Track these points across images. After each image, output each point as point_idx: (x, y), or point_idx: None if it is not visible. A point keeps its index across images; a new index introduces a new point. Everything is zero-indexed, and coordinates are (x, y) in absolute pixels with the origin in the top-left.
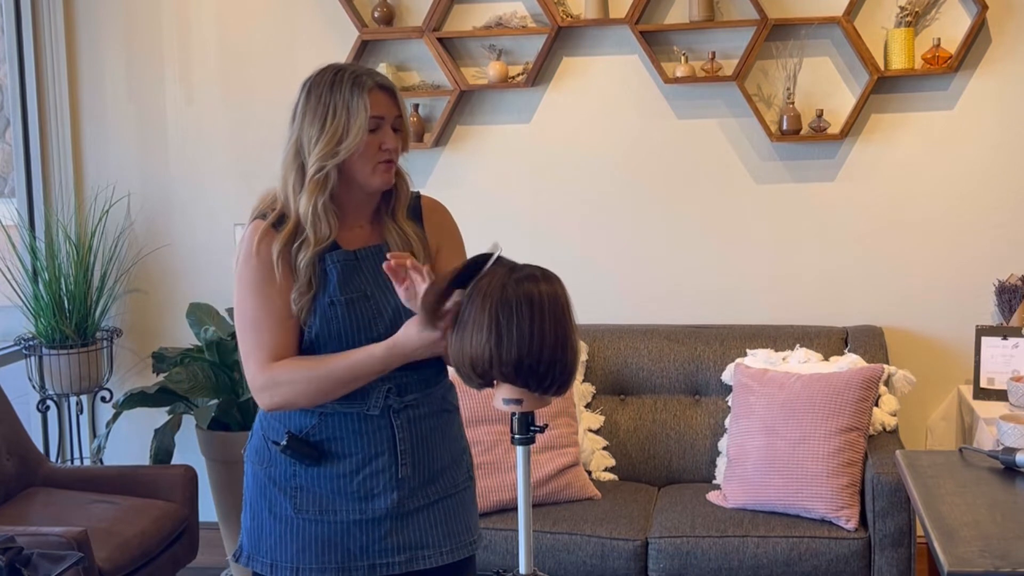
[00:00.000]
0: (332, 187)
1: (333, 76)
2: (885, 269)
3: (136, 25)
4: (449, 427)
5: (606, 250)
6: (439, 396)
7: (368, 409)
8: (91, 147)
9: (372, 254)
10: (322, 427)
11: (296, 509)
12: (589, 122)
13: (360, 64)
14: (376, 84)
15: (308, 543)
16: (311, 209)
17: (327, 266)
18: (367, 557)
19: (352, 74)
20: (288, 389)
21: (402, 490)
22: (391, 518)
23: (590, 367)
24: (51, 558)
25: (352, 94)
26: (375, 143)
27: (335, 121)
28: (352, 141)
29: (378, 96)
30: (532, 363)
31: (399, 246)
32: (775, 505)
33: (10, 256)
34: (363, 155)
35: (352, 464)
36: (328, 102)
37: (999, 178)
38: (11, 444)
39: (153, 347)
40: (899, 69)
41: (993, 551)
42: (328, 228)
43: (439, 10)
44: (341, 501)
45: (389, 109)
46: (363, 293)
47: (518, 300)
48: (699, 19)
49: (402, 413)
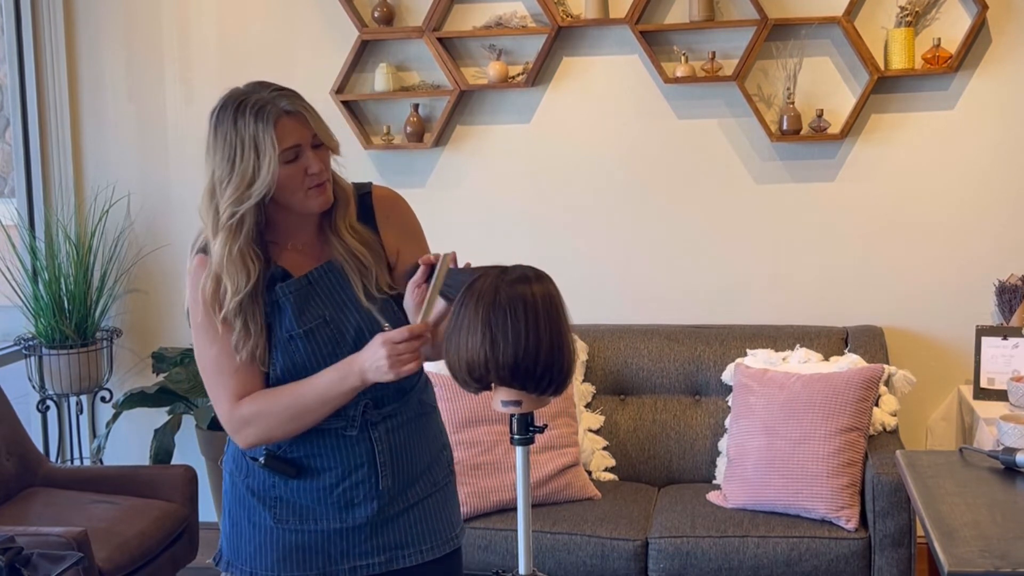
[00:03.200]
0: (249, 230)
1: (235, 109)
2: (885, 269)
3: (136, 25)
4: (427, 428)
5: (606, 250)
6: (416, 401)
7: (346, 429)
8: (91, 147)
9: (324, 274)
10: (300, 443)
11: (276, 520)
12: (589, 122)
13: (263, 87)
14: (282, 112)
15: (288, 552)
16: (225, 257)
17: (279, 299)
18: (347, 560)
19: (254, 105)
20: (260, 426)
21: (382, 499)
22: (372, 524)
23: (590, 367)
24: (51, 558)
25: (257, 128)
26: (299, 171)
27: (243, 162)
28: (263, 182)
29: (286, 124)
30: (529, 365)
31: (346, 261)
32: (775, 505)
33: (10, 256)
34: (288, 187)
35: (332, 477)
36: (233, 140)
37: (999, 178)
38: (11, 444)
39: (153, 347)
40: (899, 69)
41: (993, 551)
42: (247, 276)
43: (439, 10)
44: (322, 511)
45: (302, 134)
46: (322, 319)
47: (512, 302)
48: (699, 19)
49: (380, 425)
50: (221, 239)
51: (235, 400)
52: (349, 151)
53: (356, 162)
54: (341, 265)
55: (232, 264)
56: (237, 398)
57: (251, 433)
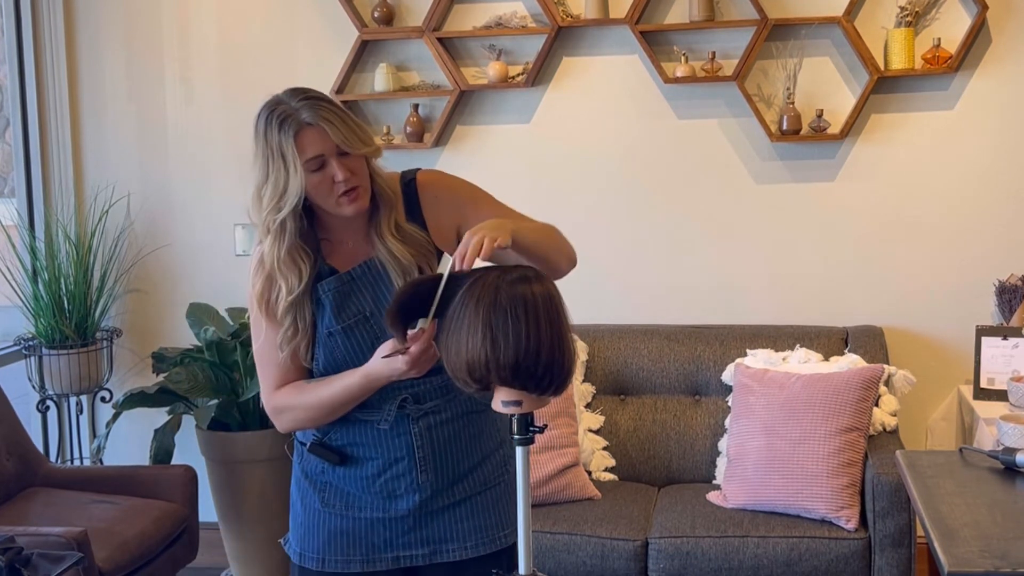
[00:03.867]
0: (293, 232)
1: (266, 117)
2: (885, 269)
3: (136, 25)
4: (479, 426)
5: (606, 250)
6: (465, 398)
7: (379, 423)
8: (91, 147)
9: (367, 271)
10: (343, 432)
11: (324, 503)
12: (589, 122)
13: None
14: (303, 123)
15: (333, 536)
16: (275, 259)
17: (320, 296)
18: (391, 550)
19: (280, 116)
20: (290, 415)
21: (423, 493)
22: (414, 516)
23: (590, 367)
24: (51, 558)
25: (281, 139)
26: (326, 180)
27: (275, 172)
28: (294, 191)
29: (307, 136)
30: (530, 365)
31: (388, 261)
32: (775, 505)
33: (10, 256)
34: (318, 195)
35: (374, 467)
36: (265, 149)
37: (999, 178)
38: (11, 444)
39: (153, 347)
40: (899, 69)
41: (993, 551)
42: (298, 277)
43: (439, 10)
44: (366, 499)
45: (324, 144)
46: (362, 316)
47: (512, 303)
48: (699, 19)
49: (421, 420)
50: (269, 242)
51: (274, 389)
52: None
53: None
54: (383, 264)
55: (284, 264)
56: (276, 387)
57: (285, 420)
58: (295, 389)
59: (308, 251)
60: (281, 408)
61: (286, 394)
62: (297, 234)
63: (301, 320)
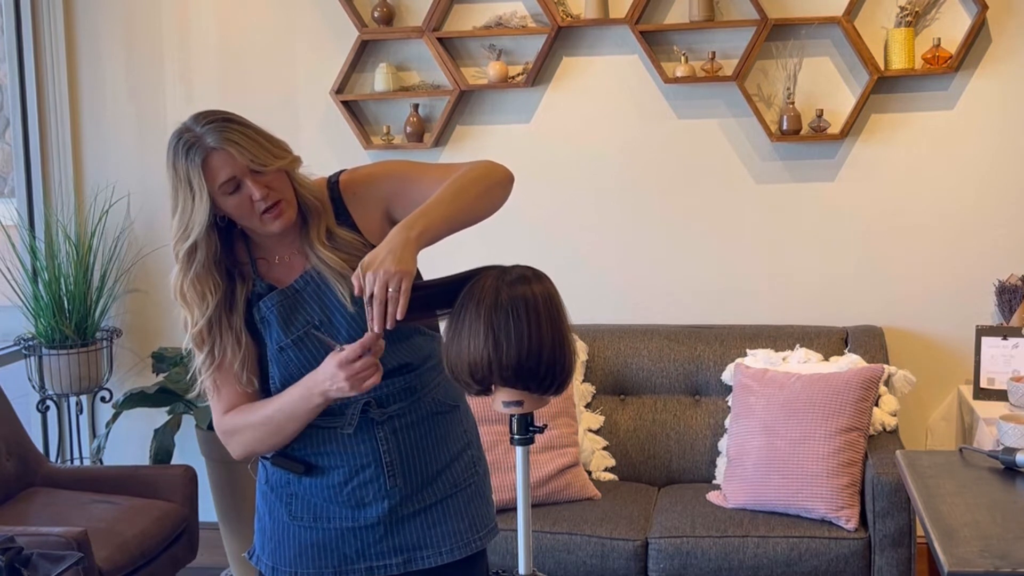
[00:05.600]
0: (203, 260)
1: (174, 147)
2: (885, 269)
3: (136, 25)
4: (446, 427)
5: (606, 250)
6: (430, 399)
7: (343, 428)
8: (91, 147)
9: (309, 281)
10: (305, 442)
11: (291, 516)
12: (589, 122)
13: (199, 120)
14: (208, 149)
15: (304, 548)
16: (177, 289)
17: (264, 314)
18: (364, 560)
19: (186, 144)
20: (239, 438)
21: (393, 499)
22: (385, 524)
23: (590, 367)
24: (51, 558)
25: (188, 167)
26: (245, 202)
27: (183, 200)
28: (197, 223)
29: (215, 160)
30: (532, 365)
31: (324, 271)
32: (775, 505)
33: (10, 256)
34: (241, 217)
35: (340, 476)
36: (174, 179)
37: (999, 178)
38: (11, 444)
39: (153, 347)
40: (899, 69)
41: (993, 551)
42: (203, 307)
43: (439, 10)
44: (334, 509)
45: (234, 166)
46: (311, 325)
47: (513, 303)
48: (699, 19)
49: (386, 424)
50: (175, 272)
51: (223, 413)
52: (349, 151)
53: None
54: (321, 274)
55: (187, 295)
56: (224, 411)
57: (236, 443)
58: (242, 410)
59: (218, 279)
60: (230, 430)
61: (233, 416)
62: (207, 262)
63: (219, 347)
